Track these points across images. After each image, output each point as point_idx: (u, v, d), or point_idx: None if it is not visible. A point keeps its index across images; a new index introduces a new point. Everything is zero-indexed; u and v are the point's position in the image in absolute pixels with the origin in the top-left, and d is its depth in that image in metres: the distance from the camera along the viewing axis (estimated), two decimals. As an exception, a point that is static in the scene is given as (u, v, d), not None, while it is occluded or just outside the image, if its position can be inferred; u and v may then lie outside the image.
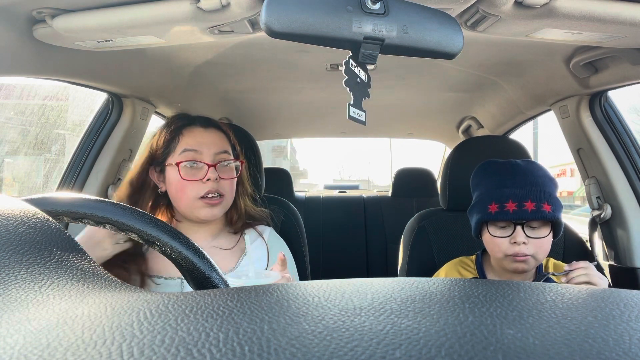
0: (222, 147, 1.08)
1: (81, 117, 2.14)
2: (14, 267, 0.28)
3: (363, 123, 0.63)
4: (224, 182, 1.06)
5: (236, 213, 1.14)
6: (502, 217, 0.99)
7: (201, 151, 1.04)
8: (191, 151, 1.03)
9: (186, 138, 1.05)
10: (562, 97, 1.53)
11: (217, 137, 1.09)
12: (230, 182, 1.08)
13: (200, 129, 1.08)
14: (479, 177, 1.11)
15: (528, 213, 0.96)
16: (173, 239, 0.47)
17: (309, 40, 0.56)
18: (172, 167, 1.03)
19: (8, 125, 3.20)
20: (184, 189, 1.02)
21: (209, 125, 1.10)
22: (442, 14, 0.62)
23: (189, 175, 1.02)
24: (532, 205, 0.96)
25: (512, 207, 0.97)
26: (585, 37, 0.94)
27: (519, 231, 0.98)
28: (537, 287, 0.28)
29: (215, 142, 1.07)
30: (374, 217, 2.73)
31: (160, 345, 0.19)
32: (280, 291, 0.27)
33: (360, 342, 0.19)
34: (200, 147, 1.04)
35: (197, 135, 1.06)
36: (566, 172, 12.86)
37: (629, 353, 0.19)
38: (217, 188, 1.03)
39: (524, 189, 0.98)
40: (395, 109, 2.25)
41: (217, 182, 1.03)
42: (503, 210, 0.98)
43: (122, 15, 0.87)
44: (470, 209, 1.10)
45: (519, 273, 1.04)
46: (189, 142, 1.05)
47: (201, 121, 1.10)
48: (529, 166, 1.05)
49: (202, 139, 1.06)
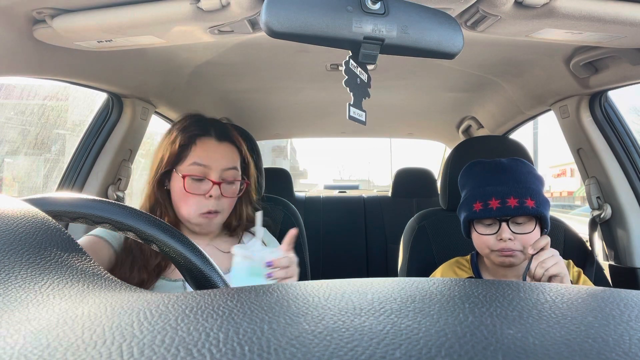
0: (231, 163, 1.06)
1: (81, 117, 2.14)
2: (14, 267, 0.28)
3: (363, 123, 0.63)
4: (224, 200, 1.05)
5: (236, 219, 1.14)
6: (486, 214, 1.00)
7: (210, 166, 1.03)
8: (200, 165, 1.02)
9: (198, 150, 1.04)
10: (562, 97, 1.53)
11: (228, 151, 1.08)
12: (231, 200, 1.08)
13: (213, 142, 1.06)
14: (464, 177, 1.14)
15: (511, 209, 0.98)
16: (172, 238, 0.47)
17: (309, 40, 0.56)
18: (178, 176, 1.03)
19: (8, 125, 3.20)
20: (186, 200, 1.02)
21: (223, 138, 1.08)
22: (442, 14, 0.62)
23: (192, 188, 1.01)
24: (514, 202, 0.98)
25: (495, 204, 0.99)
26: (585, 37, 0.94)
27: (504, 227, 0.99)
28: (537, 287, 0.28)
29: (226, 157, 1.06)
30: (374, 217, 2.73)
31: (160, 345, 0.19)
32: (280, 291, 0.27)
33: (360, 342, 0.19)
34: (209, 162, 1.03)
35: (209, 148, 1.05)
36: (566, 172, 12.87)
37: (629, 353, 0.19)
38: (216, 206, 1.03)
39: (506, 186, 1.00)
40: (395, 109, 2.25)
41: (218, 199, 1.03)
42: (487, 208, 1.00)
43: (122, 15, 0.87)
44: (458, 209, 1.12)
45: (508, 267, 1.06)
46: (200, 155, 1.03)
47: (216, 132, 1.08)
48: (512, 164, 1.07)
49: (213, 154, 1.04)
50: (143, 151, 1.67)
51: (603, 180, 1.48)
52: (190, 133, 1.05)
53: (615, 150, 1.45)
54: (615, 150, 1.45)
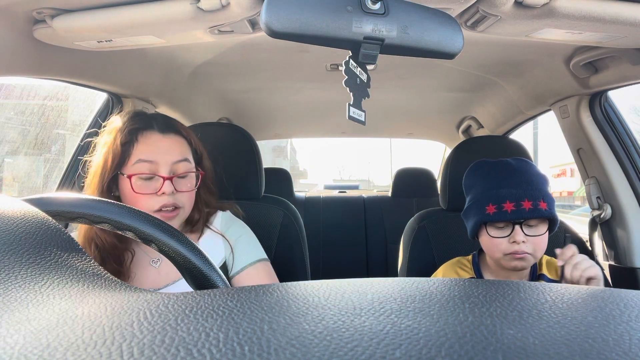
0: (181, 155, 0.97)
1: (81, 117, 2.14)
2: (14, 267, 0.28)
3: (363, 123, 0.63)
4: (181, 194, 0.96)
5: (197, 213, 1.05)
6: (500, 217, 0.99)
7: (157, 161, 0.93)
8: (146, 162, 0.93)
9: (141, 145, 0.94)
10: (562, 97, 1.53)
11: (176, 143, 0.98)
12: (189, 193, 0.99)
13: (157, 135, 0.96)
14: (472, 178, 1.10)
15: (526, 212, 0.97)
16: (171, 238, 0.47)
17: (309, 40, 0.56)
18: (124, 177, 0.93)
19: (8, 125, 3.20)
20: (137, 202, 0.92)
21: (167, 130, 0.98)
22: (442, 14, 0.62)
23: (142, 188, 0.92)
24: (529, 204, 0.97)
25: (510, 207, 0.97)
26: (585, 37, 0.94)
27: (518, 230, 0.98)
28: (537, 287, 0.28)
29: (174, 149, 0.97)
30: (374, 217, 2.73)
31: (160, 345, 0.19)
32: (280, 291, 0.27)
33: (360, 342, 0.19)
34: (155, 157, 0.93)
35: (153, 142, 0.95)
36: (566, 172, 12.87)
37: (629, 353, 0.19)
38: (173, 201, 0.94)
39: (520, 189, 0.99)
40: (395, 109, 2.25)
41: (173, 194, 0.94)
42: (501, 211, 0.98)
43: (122, 15, 0.87)
44: (465, 211, 1.09)
45: (518, 271, 1.05)
46: (144, 151, 0.93)
47: (159, 124, 0.98)
48: (521, 165, 1.05)
49: (158, 147, 0.95)
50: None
51: (603, 180, 1.48)
52: (131, 128, 0.95)
53: (615, 150, 1.45)
54: (615, 150, 1.45)
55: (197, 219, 1.05)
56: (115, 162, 0.93)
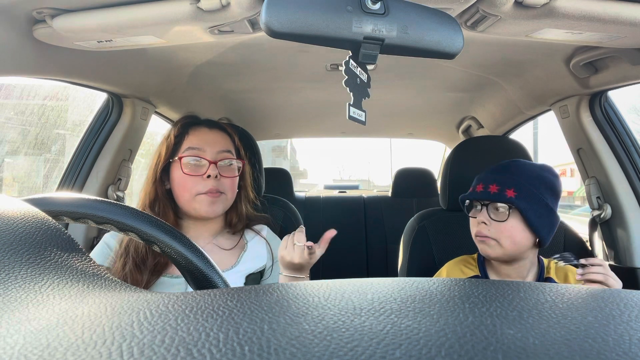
0: (224, 147, 1.11)
1: (81, 117, 2.14)
2: (14, 267, 0.28)
3: (363, 123, 0.63)
4: (225, 180, 1.08)
5: (236, 215, 1.16)
6: (470, 196, 1.09)
7: (204, 149, 1.08)
8: (195, 149, 1.07)
9: (191, 137, 1.10)
10: (562, 97, 1.53)
11: (220, 137, 1.13)
12: (231, 180, 1.11)
13: (205, 129, 1.12)
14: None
15: (490, 195, 1.04)
16: (173, 239, 0.47)
17: (309, 40, 0.56)
18: (175, 162, 1.08)
19: (8, 125, 3.20)
20: (186, 184, 1.05)
21: (214, 126, 1.15)
22: (442, 14, 0.62)
23: (190, 170, 1.06)
24: (495, 188, 1.04)
25: (480, 188, 1.07)
26: (585, 37, 0.94)
27: (483, 211, 1.06)
28: (537, 287, 0.28)
29: (219, 141, 1.11)
30: (374, 217, 2.73)
31: (160, 345, 0.19)
32: (280, 291, 0.27)
33: (360, 342, 0.19)
34: (203, 146, 1.08)
35: (201, 134, 1.11)
36: (566, 172, 12.86)
37: (629, 353, 0.19)
38: (217, 186, 1.06)
39: (494, 175, 1.07)
40: (395, 109, 2.25)
41: (217, 179, 1.06)
42: (473, 191, 1.08)
43: (122, 15, 0.87)
44: None
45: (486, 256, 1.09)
46: (193, 141, 1.09)
47: (207, 122, 1.16)
48: (519, 164, 1.10)
49: (205, 138, 1.10)
50: (143, 151, 1.67)
51: (603, 180, 1.48)
52: (183, 123, 1.13)
53: (615, 150, 1.45)
54: (615, 150, 1.45)
55: (236, 222, 1.16)
56: (169, 152, 1.09)
